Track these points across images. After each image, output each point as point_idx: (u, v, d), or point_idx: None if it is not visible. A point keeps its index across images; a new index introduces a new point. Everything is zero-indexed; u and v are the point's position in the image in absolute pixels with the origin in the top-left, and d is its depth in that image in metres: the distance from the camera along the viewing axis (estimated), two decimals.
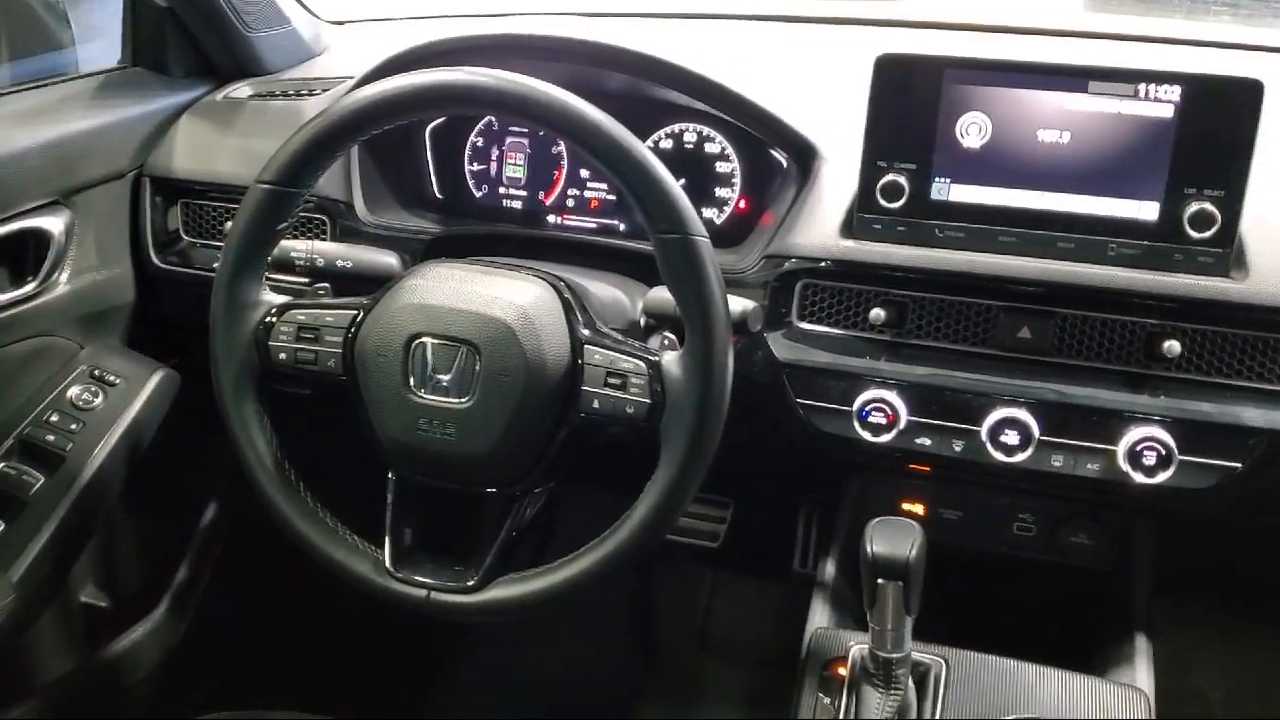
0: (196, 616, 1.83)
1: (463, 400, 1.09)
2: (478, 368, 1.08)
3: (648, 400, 1.07)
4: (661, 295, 1.14)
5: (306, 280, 1.29)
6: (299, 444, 1.21)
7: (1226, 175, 1.13)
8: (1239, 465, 1.17)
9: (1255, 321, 1.16)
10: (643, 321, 1.25)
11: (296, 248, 1.27)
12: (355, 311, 1.15)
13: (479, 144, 1.55)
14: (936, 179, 1.22)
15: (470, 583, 1.13)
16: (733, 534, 1.95)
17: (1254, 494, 1.20)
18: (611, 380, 1.09)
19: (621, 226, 1.51)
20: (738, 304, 1.16)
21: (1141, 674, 1.29)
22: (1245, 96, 1.11)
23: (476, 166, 1.56)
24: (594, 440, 1.23)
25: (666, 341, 1.21)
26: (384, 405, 1.12)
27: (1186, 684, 1.83)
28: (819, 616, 1.38)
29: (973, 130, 1.20)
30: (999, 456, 1.21)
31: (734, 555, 1.97)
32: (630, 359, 1.09)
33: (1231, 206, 1.14)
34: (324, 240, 1.45)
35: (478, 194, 1.56)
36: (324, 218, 1.48)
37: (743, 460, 1.74)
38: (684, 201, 1.05)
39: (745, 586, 2.04)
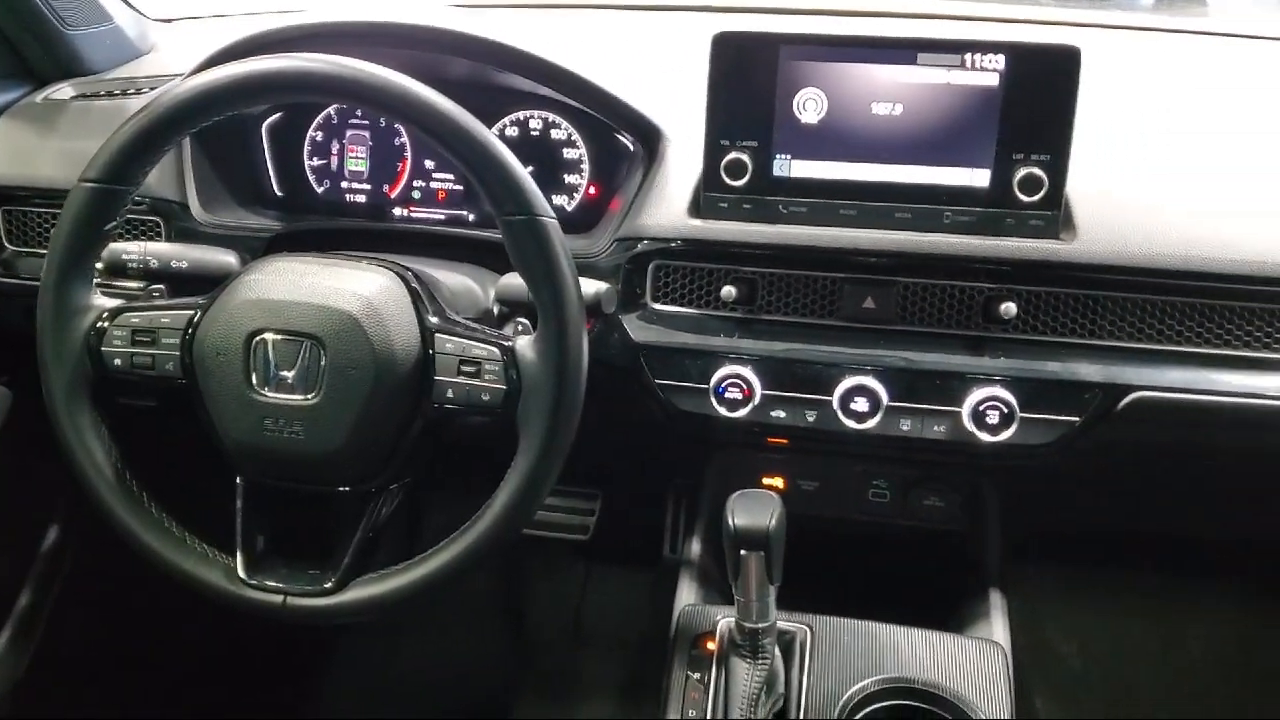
0: (41, 646, 1.74)
1: (309, 397, 1.06)
2: (323, 362, 1.05)
3: (503, 386, 1.06)
4: (513, 281, 1.13)
5: (141, 284, 1.24)
6: (141, 453, 1.16)
7: (1052, 140, 1.18)
8: (1077, 419, 1.22)
9: (1084, 280, 1.21)
10: (496, 310, 1.24)
11: (129, 250, 1.22)
12: (192, 311, 1.11)
13: (318, 138, 1.51)
14: (778, 156, 1.24)
15: (328, 585, 1.11)
16: (603, 525, 1.95)
17: (1092, 447, 1.24)
18: (465, 368, 1.07)
19: (471, 217, 1.49)
20: (590, 286, 1.16)
21: (998, 629, 1.33)
22: (1064, 63, 1.15)
23: (317, 161, 1.52)
24: (451, 431, 1.21)
25: (520, 328, 1.20)
26: (227, 407, 1.08)
27: (1042, 639, 1.90)
28: (686, 595, 1.39)
29: (809, 106, 1.22)
30: (850, 424, 1.24)
31: (605, 546, 1.97)
32: (483, 345, 1.07)
33: (1058, 170, 1.18)
34: (159, 242, 1.39)
35: (319, 189, 1.52)
36: (157, 220, 1.42)
37: (609, 450, 1.76)
38: (529, 183, 1.04)
39: (618, 576, 2.05)
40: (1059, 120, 1.17)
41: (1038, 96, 1.17)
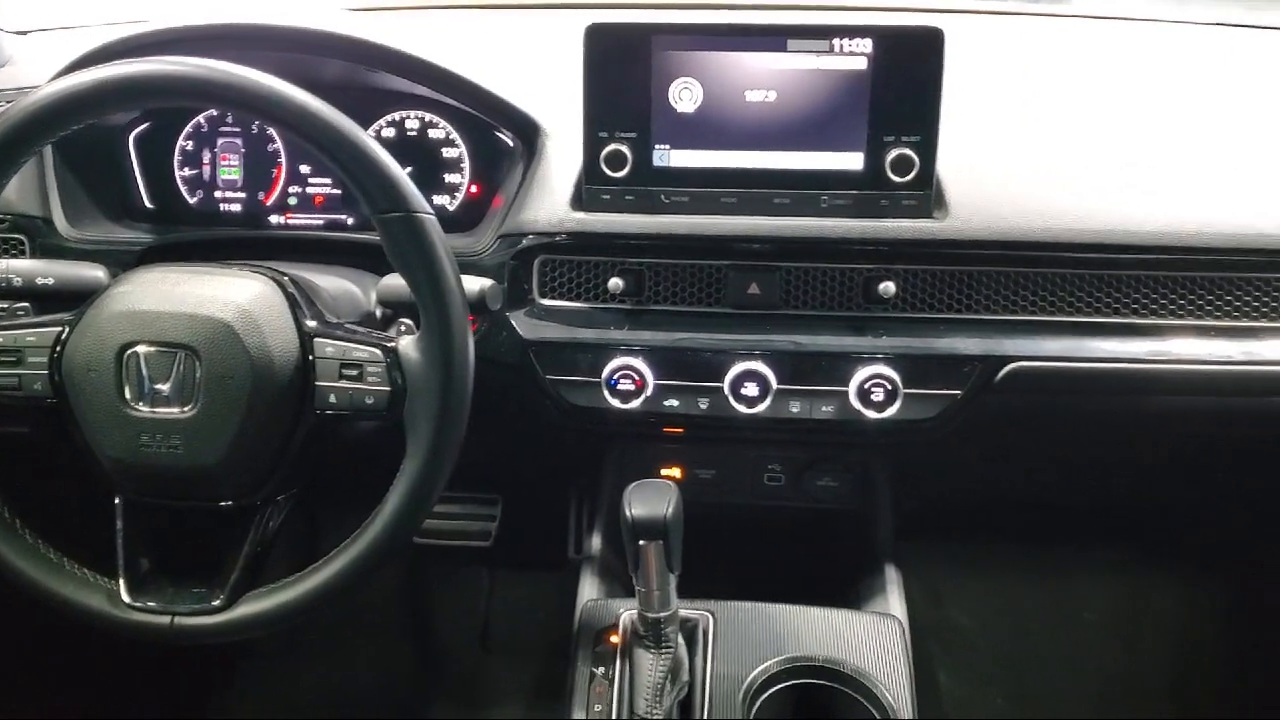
0: None
1: (186, 409, 1.03)
2: (199, 373, 1.02)
3: (387, 388, 1.04)
4: (394, 281, 1.11)
5: (3, 304, 1.19)
6: (13, 476, 1.11)
7: (920, 121, 1.20)
8: (958, 392, 1.25)
9: (958, 257, 1.24)
10: (379, 312, 1.22)
11: None
12: (59, 328, 1.07)
13: (189, 147, 1.47)
14: (657, 146, 1.24)
15: (216, 603, 1.08)
16: (505, 530, 1.93)
17: (975, 418, 1.28)
18: (347, 371, 1.06)
19: (350, 221, 1.46)
20: (474, 283, 1.15)
21: (894, 602, 1.36)
22: (929, 45, 1.18)
23: (188, 171, 1.47)
24: (339, 438, 1.19)
25: (404, 328, 1.19)
26: (100, 424, 1.04)
27: (940, 613, 1.95)
28: (588, 591, 1.39)
29: (685, 95, 1.23)
30: (741, 409, 1.25)
31: (509, 551, 1.95)
32: (365, 347, 1.06)
33: (927, 150, 1.21)
34: (22, 259, 1.34)
35: (192, 200, 1.48)
36: (21, 237, 1.36)
37: (505, 453, 1.75)
38: (403, 179, 1.02)
39: (524, 580, 2.03)
40: (926, 101, 1.20)
41: (905, 79, 1.20)
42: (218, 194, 1.48)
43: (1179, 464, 1.70)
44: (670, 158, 1.24)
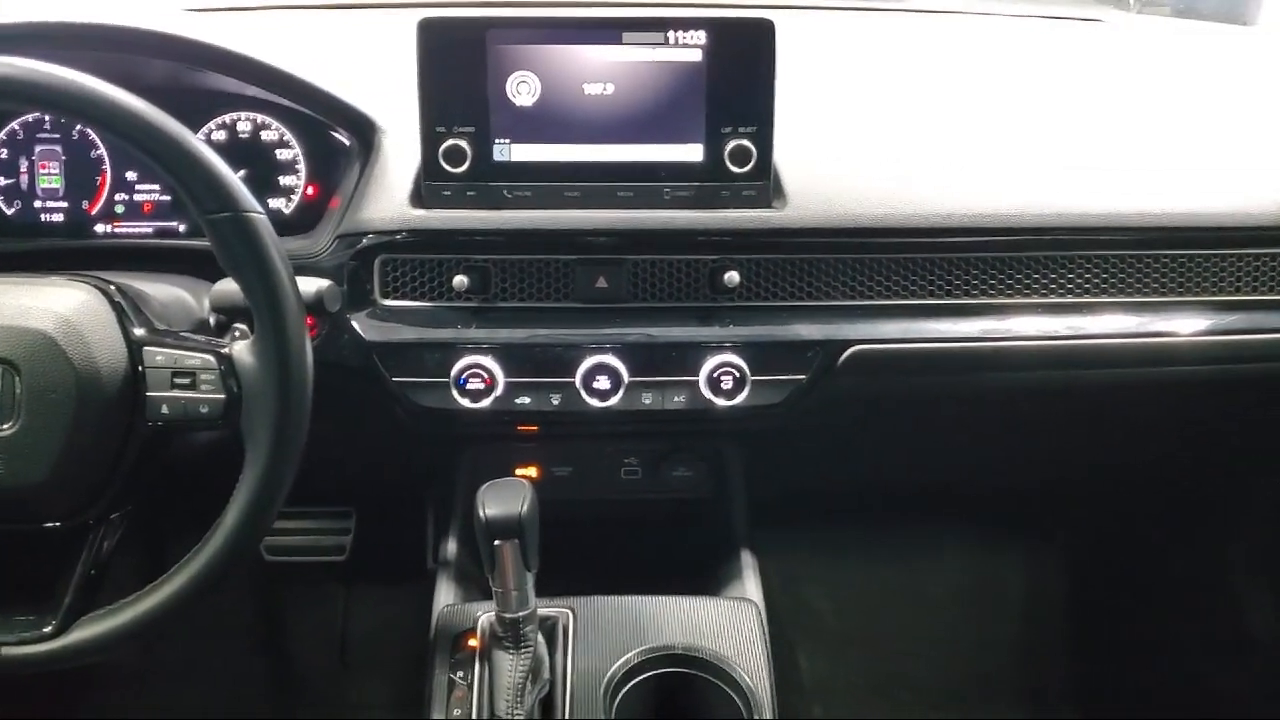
0: None
1: (6, 427, 0.97)
2: (18, 388, 0.97)
3: (222, 396, 1.01)
4: (226, 286, 1.07)
5: None
6: None
7: (756, 112, 1.22)
8: (802, 377, 1.28)
9: (798, 245, 1.27)
10: (213, 319, 1.17)
11: None
12: None
13: (3, 155, 1.39)
14: (497, 140, 1.23)
15: (48, 629, 1.02)
16: (360, 542, 1.89)
17: (822, 402, 1.31)
18: (179, 380, 1.01)
19: (181, 228, 1.40)
20: (310, 284, 1.12)
21: (750, 587, 1.38)
22: (761, 36, 1.20)
23: (3, 181, 1.39)
24: (175, 450, 1.14)
25: (239, 333, 1.14)
26: None
27: (799, 598, 1.99)
28: (445, 596, 1.37)
29: (523, 89, 1.22)
30: (594, 403, 1.25)
31: (366, 564, 1.91)
32: (197, 354, 1.02)
33: (764, 141, 1.23)
34: None
35: (9, 211, 1.39)
36: None
37: (356, 462, 1.71)
38: (230, 178, 0.99)
39: (382, 593, 1.99)
40: (761, 92, 1.22)
41: (739, 70, 1.21)
42: (37, 204, 1.40)
43: (1017, 440, 1.77)
44: (511, 152, 1.23)
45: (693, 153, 1.24)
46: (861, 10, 1.86)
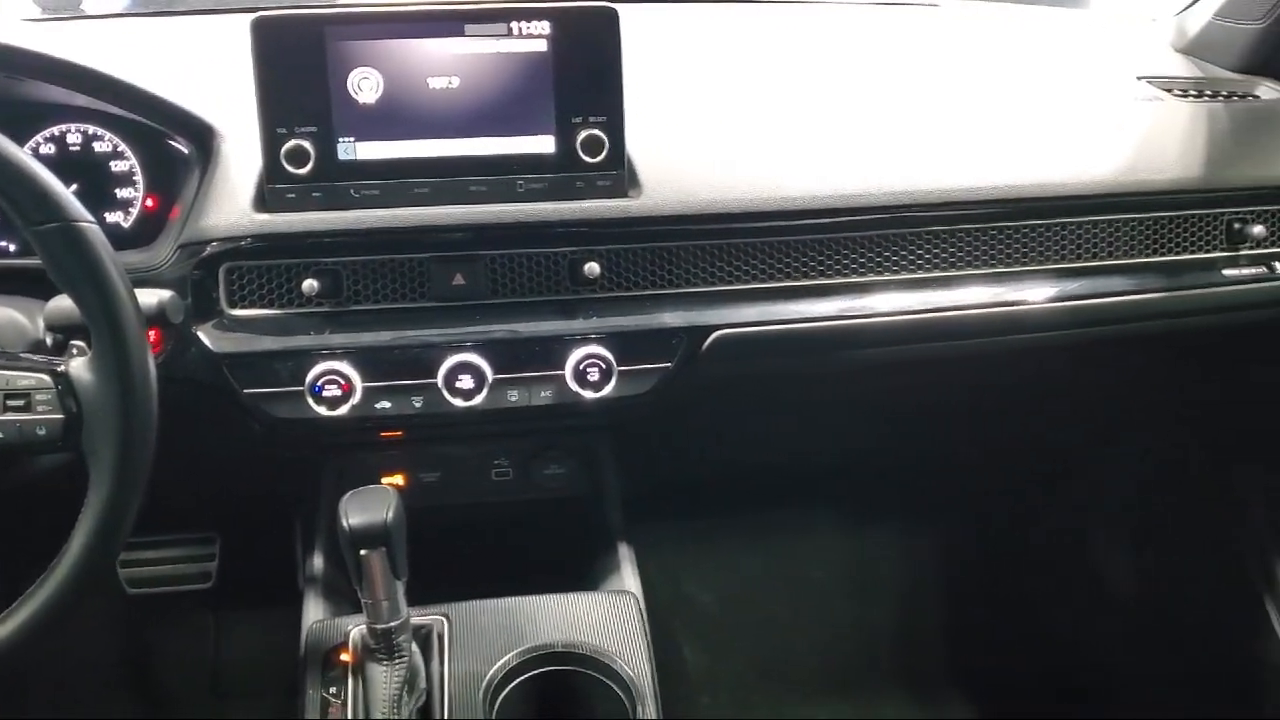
0: None
1: None
2: None
3: (60, 416, 0.95)
4: (61, 303, 1.02)
5: None
6: None
7: (605, 101, 1.21)
8: (668, 365, 1.27)
9: (656, 234, 1.26)
10: (49, 339, 1.11)
11: None
12: None
13: None
14: (341, 139, 1.19)
15: None
16: (227, 568, 1.82)
17: (690, 389, 1.30)
18: (11, 402, 0.96)
19: (11, 247, 1.32)
20: (150, 296, 1.07)
21: (628, 579, 1.37)
22: (604, 24, 1.19)
23: None
24: (12, 478, 1.07)
25: (76, 350, 1.08)
26: None
27: (681, 591, 1.99)
28: (314, 612, 1.32)
29: (365, 86, 1.19)
30: (458, 403, 1.22)
31: (234, 589, 1.84)
32: (30, 374, 0.96)
33: (615, 130, 1.22)
34: None
35: None
36: None
37: (216, 483, 1.64)
38: (56, 187, 0.94)
39: (253, 617, 1.92)
40: (608, 81, 1.21)
41: (585, 59, 1.20)
42: None
43: (887, 419, 1.81)
44: (356, 150, 1.20)
45: (544, 144, 1.22)
46: (706, 2, 1.88)
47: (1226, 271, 1.43)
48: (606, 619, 1.25)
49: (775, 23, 1.77)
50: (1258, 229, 1.42)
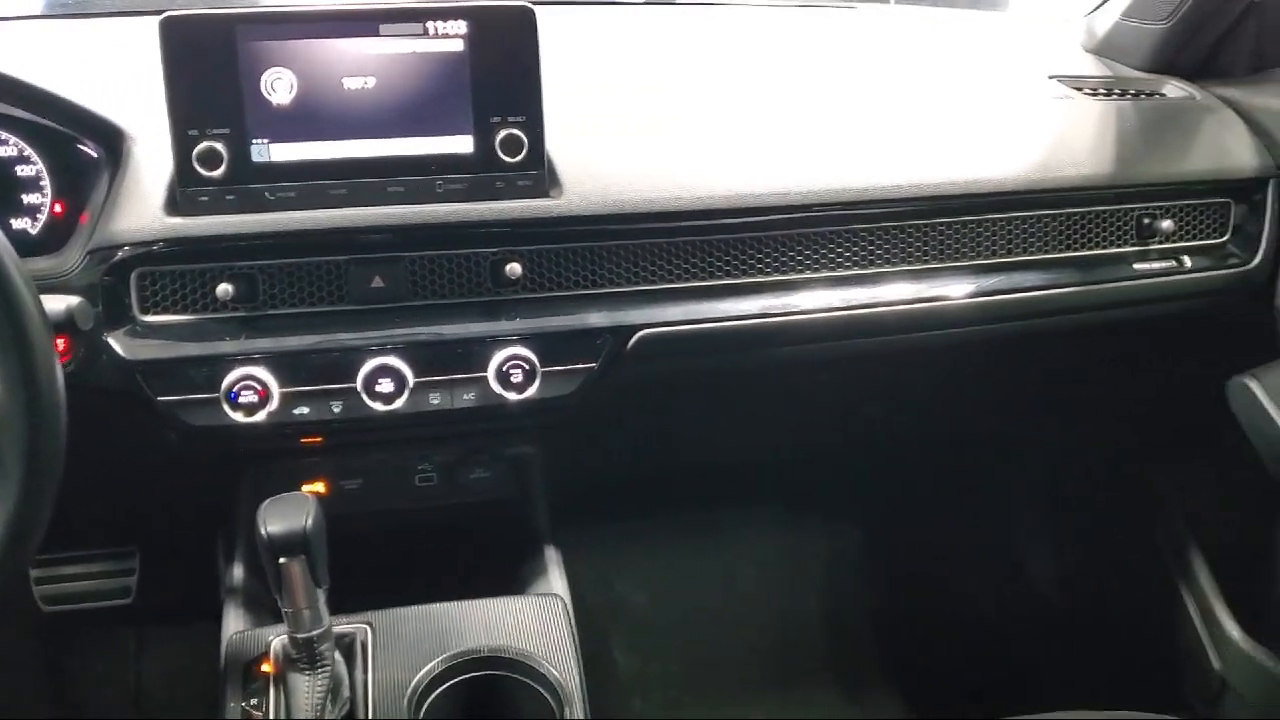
0: None
1: None
2: None
3: None
4: None
5: None
6: None
7: (524, 100, 1.21)
8: (594, 365, 1.27)
9: (579, 234, 1.26)
10: None
11: None
12: None
13: None
14: (254, 141, 1.17)
15: None
16: (147, 582, 1.78)
17: (613, 390, 1.30)
18: None
19: None
20: (59, 302, 1.05)
21: (555, 582, 1.36)
22: (522, 23, 1.19)
23: None
24: None
25: None
26: None
27: (612, 594, 1.99)
28: (234, 623, 1.30)
29: (279, 86, 1.17)
30: (378, 407, 1.21)
31: (156, 604, 1.80)
32: None
33: (535, 129, 1.22)
34: None
35: None
36: None
37: (133, 498, 1.60)
38: None
39: (176, 633, 1.87)
40: (527, 80, 1.20)
41: (502, 59, 1.19)
42: None
43: (811, 417, 1.82)
44: (271, 152, 1.18)
45: (463, 144, 1.21)
46: (625, 5, 1.88)
47: (1137, 265, 1.46)
48: (533, 622, 1.24)
49: (695, 25, 1.79)
50: (1166, 223, 1.46)
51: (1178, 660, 1.76)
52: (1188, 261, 1.49)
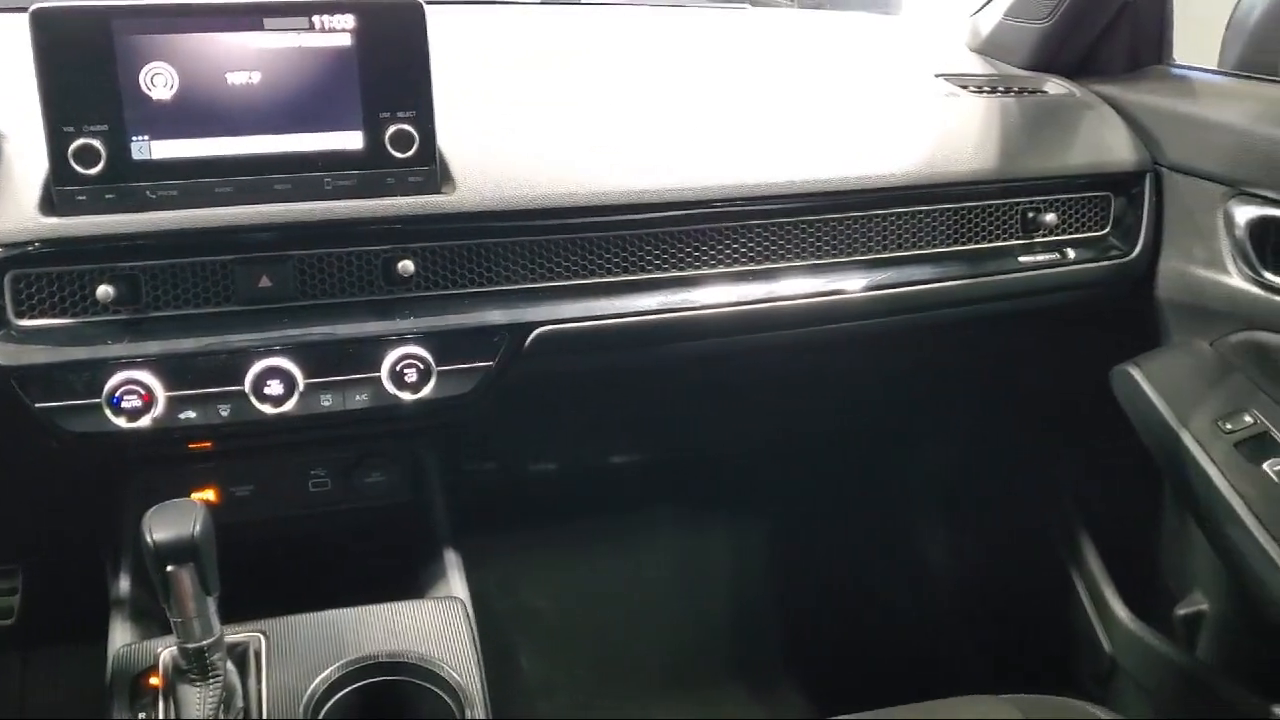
0: None
1: None
2: None
3: None
4: None
5: None
6: None
7: (413, 96, 1.19)
8: (490, 363, 1.25)
9: (473, 230, 1.25)
10: None
11: None
12: None
13: None
14: (134, 138, 1.13)
15: None
16: (31, 601, 1.71)
17: (512, 389, 1.29)
18: None
19: None
20: None
21: (455, 585, 1.34)
22: (411, 18, 1.17)
23: None
24: None
25: None
26: None
27: (519, 600, 1.98)
28: (121, 636, 1.25)
29: (159, 81, 1.13)
30: (267, 410, 1.18)
31: (41, 623, 1.73)
32: None
33: (425, 125, 1.20)
34: None
35: None
36: None
37: (15, 511, 1.54)
38: None
39: (64, 650, 1.80)
40: (416, 75, 1.19)
41: (391, 54, 1.18)
42: None
43: (712, 415, 1.83)
44: (152, 149, 1.14)
45: (352, 140, 1.19)
46: (522, 4, 1.88)
47: (1022, 258, 1.50)
48: (433, 626, 1.22)
49: (591, 24, 1.79)
50: (1049, 217, 1.50)
51: (1071, 644, 1.81)
52: (1071, 254, 1.53)
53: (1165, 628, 1.65)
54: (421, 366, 1.21)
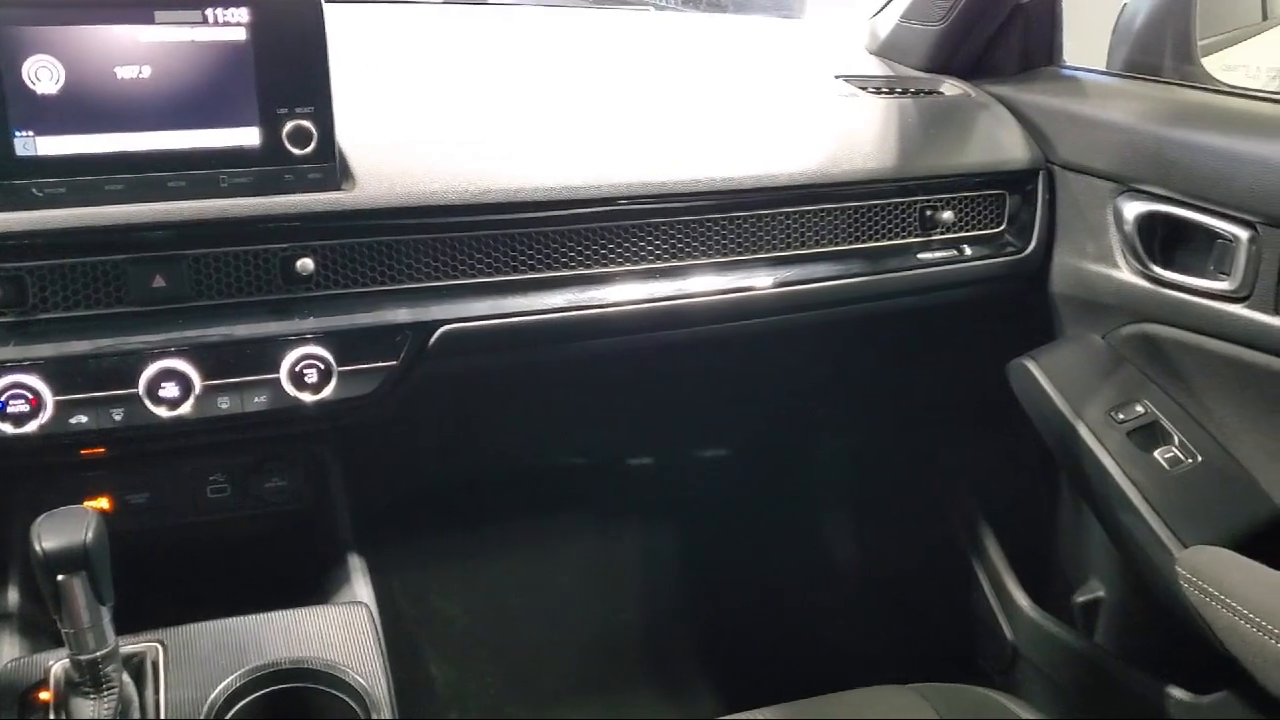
0: None
1: None
2: None
3: None
4: None
5: None
6: None
7: (312, 91, 1.17)
8: (394, 363, 1.24)
9: (373, 228, 1.23)
10: None
11: None
12: None
13: None
14: (18, 133, 1.09)
15: None
16: None
17: (417, 389, 1.27)
18: None
19: None
20: None
21: (360, 590, 1.32)
22: (308, 13, 1.15)
23: None
24: None
25: None
26: None
27: (429, 607, 1.95)
28: (8, 650, 1.20)
29: (44, 75, 1.09)
30: (162, 413, 1.14)
31: None
32: None
33: (324, 121, 1.18)
34: None
35: None
36: None
37: None
38: None
39: None
40: (314, 69, 1.16)
41: (289, 48, 1.15)
42: None
43: (620, 417, 1.83)
44: (37, 145, 1.10)
45: (248, 136, 1.16)
46: (427, 4, 1.86)
47: (921, 255, 1.53)
48: (337, 631, 1.20)
49: (494, 24, 1.78)
50: (947, 214, 1.53)
51: (974, 633, 1.85)
52: (968, 250, 1.57)
53: (1065, 615, 1.70)
54: (322, 367, 1.19)
